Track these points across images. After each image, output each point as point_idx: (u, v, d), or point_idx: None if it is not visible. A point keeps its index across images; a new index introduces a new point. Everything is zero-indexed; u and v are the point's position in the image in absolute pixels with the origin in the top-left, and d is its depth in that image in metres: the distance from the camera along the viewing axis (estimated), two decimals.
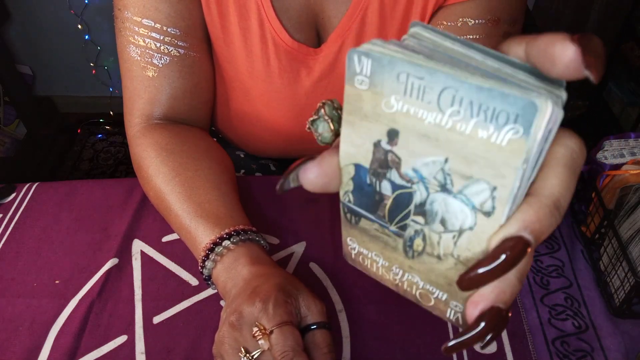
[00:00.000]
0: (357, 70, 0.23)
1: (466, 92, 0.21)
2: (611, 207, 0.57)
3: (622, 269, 0.53)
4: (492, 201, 0.22)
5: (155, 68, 0.59)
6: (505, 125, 0.20)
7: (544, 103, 0.19)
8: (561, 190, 0.22)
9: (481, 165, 0.22)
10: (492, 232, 0.23)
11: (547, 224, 0.22)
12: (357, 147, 0.25)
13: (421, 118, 0.22)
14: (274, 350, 0.42)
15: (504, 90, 0.20)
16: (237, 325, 0.44)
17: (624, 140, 0.60)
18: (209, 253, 0.51)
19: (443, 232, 0.25)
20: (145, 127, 0.61)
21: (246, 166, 0.81)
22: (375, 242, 0.29)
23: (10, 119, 1.70)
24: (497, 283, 0.23)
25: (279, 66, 0.62)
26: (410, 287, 0.29)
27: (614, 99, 1.64)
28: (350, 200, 0.28)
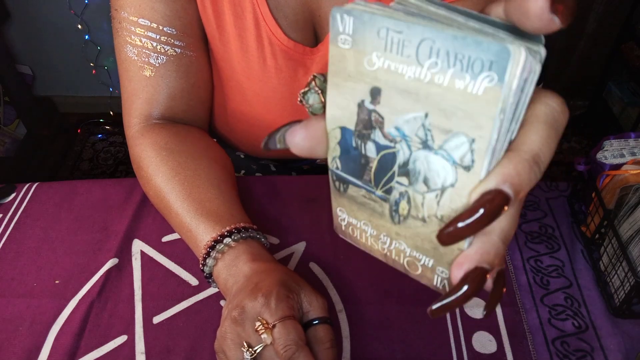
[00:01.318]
0: (340, 29, 0.24)
1: (442, 42, 0.21)
2: (611, 207, 0.57)
3: (622, 269, 0.53)
4: (471, 154, 0.22)
5: (152, 67, 0.59)
6: (481, 73, 0.21)
7: (517, 49, 0.20)
8: (541, 145, 0.23)
9: (459, 117, 0.22)
10: (473, 187, 0.23)
11: (526, 178, 0.22)
12: (342, 109, 0.26)
13: (401, 73, 0.23)
14: (277, 344, 0.42)
15: (478, 38, 0.20)
16: (239, 320, 0.44)
17: (624, 140, 0.60)
18: (210, 251, 0.51)
19: (426, 192, 0.25)
20: (144, 127, 0.61)
21: (246, 167, 0.81)
22: (363, 210, 0.29)
23: (10, 119, 1.70)
24: (480, 244, 0.23)
25: (276, 66, 0.62)
26: (398, 256, 0.30)
27: (614, 99, 1.64)
28: (338, 167, 0.28)
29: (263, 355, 0.44)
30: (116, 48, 0.61)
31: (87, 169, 1.78)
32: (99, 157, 1.82)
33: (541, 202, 0.66)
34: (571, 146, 1.73)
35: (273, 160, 0.84)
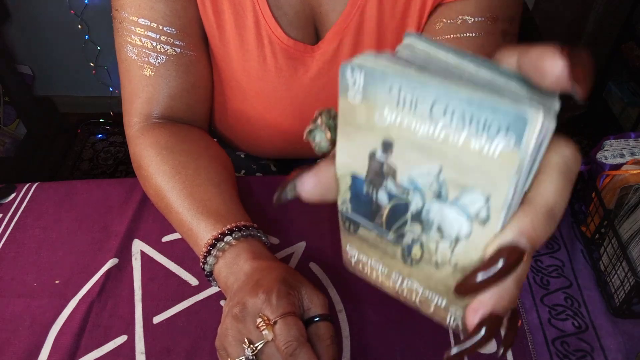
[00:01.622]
0: (350, 84, 0.23)
1: (457, 104, 0.21)
2: (611, 207, 0.57)
3: (622, 269, 0.53)
4: (487, 210, 0.22)
5: (152, 67, 0.59)
6: (497, 136, 0.20)
7: (534, 114, 0.19)
8: (556, 197, 0.22)
9: (475, 175, 0.22)
10: (488, 240, 0.23)
11: (542, 231, 0.22)
12: (353, 157, 0.26)
13: (414, 130, 0.23)
14: (278, 340, 0.42)
15: (494, 102, 0.20)
16: (240, 316, 0.44)
17: (624, 140, 0.60)
18: (210, 249, 0.51)
19: (440, 241, 0.25)
20: (144, 127, 0.61)
21: (247, 167, 0.81)
22: (374, 250, 0.29)
23: (10, 119, 1.70)
24: (495, 289, 0.23)
25: (276, 64, 0.62)
26: (410, 294, 0.29)
27: (614, 99, 1.64)
28: (348, 209, 0.28)
29: (264, 351, 0.44)
30: (117, 48, 0.61)
31: (87, 169, 1.78)
32: (99, 157, 1.82)
33: None
34: None
35: (273, 160, 0.84)
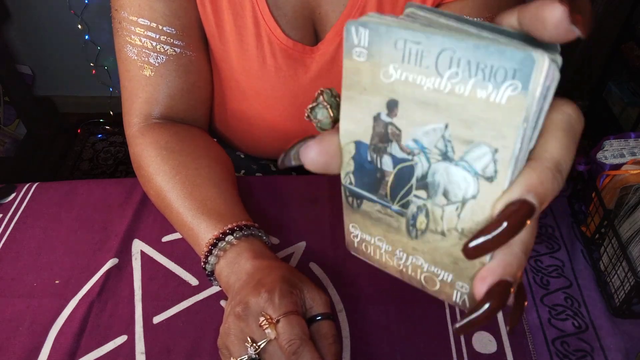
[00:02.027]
0: (355, 42, 0.23)
1: (463, 52, 0.21)
2: (611, 207, 0.57)
3: (622, 269, 0.53)
4: (494, 165, 0.22)
5: (152, 67, 0.59)
6: (504, 82, 0.20)
7: (540, 56, 0.20)
8: (562, 153, 0.22)
9: (481, 127, 0.22)
10: (496, 198, 0.23)
11: (550, 187, 0.22)
12: (357, 122, 0.26)
13: (420, 84, 0.23)
14: (281, 339, 0.42)
15: (500, 48, 0.20)
16: (243, 316, 0.44)
17: (624, 140, 0.60)
18: (211, 249, 0.51)
19: (446, 205, 0.25)
20: (144, 127, 0.61)
21: (246, 167, 0.81)
22: (378, 225, 0.29)
23: (10, 119, 1.70)
24: (502, 257, 0.23)
25: (275, 65, 0.62)
26: (415, 272, 0.29)
27: (614, 99, 1.64)
28: (351, 182, 0.28)
29: (267, 350, 0.43)
30: (116, 48, 0.61)
31: (87, 169, 1.78)
32: (99, 157, 1.81)
33: None
34: None
35: (273, 160, 0.84)
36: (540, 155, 0.22)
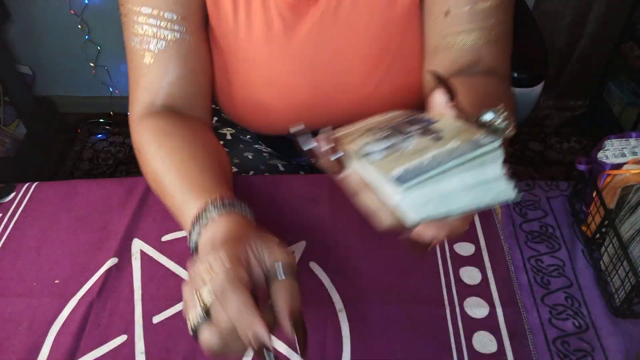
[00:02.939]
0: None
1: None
2: (612, 206, 0.57)
3: (623, 269, 0.53)
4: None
5: (151, 54, 0.61)
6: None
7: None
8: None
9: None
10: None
11: None
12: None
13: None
14: (213, 285, 0.39)
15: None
16: (191, 275, 0.42)
17: (625, 139, 0.60)
18: (194, 225, 0.49)
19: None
20: (145, 114, 0.62)
21: (255, 167, 0.81)
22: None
23: (10, 119, 1.70)
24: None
25: (283, 24, 0.63)
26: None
27: (614, 99, 1.64)
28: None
29: (213, 308, 0.39)
30: (125, 42, 0.63)
31: (87, 169, 1.78)
32: (99, 157, 1.81)
33: (542, 202, 0.66)
34: (571, 146, 1.73)
35: (284, 138, 0.83)
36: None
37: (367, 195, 0.39)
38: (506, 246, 0.61)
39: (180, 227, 0.58)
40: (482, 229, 0.63)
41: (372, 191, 0.38)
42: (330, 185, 0.68)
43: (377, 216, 0.39)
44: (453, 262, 0.60)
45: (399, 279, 0.58)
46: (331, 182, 0.69)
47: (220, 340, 0.39)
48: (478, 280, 0.58)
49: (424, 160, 0.34)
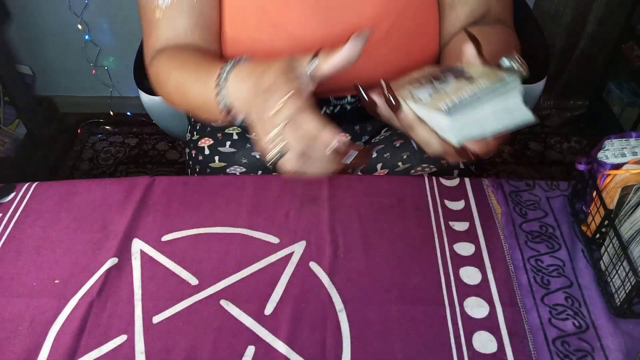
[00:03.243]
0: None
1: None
2: (612, 206, 0.57)
3: (623, 269, 0.53)
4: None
5: (159, 10, 0.68)
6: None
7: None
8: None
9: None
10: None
11: None
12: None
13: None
14: (287, 117, 0.46)
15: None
16: (261, 102, 0.49)
17: (625, 139, 0.60)
18: (218, 89, 0.55)
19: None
20: (157, 55, 0.69)
21: (263, 167, 0.81)
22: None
23: (10, 119, 1.69)
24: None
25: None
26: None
27: (614, 99, 1.64)
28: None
29: (285, 134, 0.47)
30: (138, 2, 0.70)
31: (87, 169, 1.78)
32: (99, 157, 1.81)
33: (542, 202, 0.66)
34: (571, 146, 1.73)
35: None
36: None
37: (421, 128, 0.48)
38: (506, 246, 0.61)
39: (180, 226, 0.58)
40: (482, 229, 0.63)
41: (424, 125, 0.48)
42: (330, 185, 0.68)
43: (428, 145, 0.49)
44: (453, 262, 0.60)
45: (399, 279, 0.58)
46: (331, 182, 0.69)
47: (297, 160, 0.47)
48: (478, 280, 0.58)
49: (463, 95, 0.45)
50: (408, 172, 0.77)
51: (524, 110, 0.47)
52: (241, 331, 0.54)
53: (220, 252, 0.61)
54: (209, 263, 0.60)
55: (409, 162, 0.78)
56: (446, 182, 0.69)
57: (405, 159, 0.78)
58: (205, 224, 0.65)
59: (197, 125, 0.87)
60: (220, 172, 0.81)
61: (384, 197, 0.67)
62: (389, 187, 0.68)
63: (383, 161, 0.80)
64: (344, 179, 0.69)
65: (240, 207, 0.66)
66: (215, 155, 0.82)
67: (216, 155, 0.82)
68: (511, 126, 0.47)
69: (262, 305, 0.56)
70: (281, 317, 0.55)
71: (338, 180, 0.69)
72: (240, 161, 0.81)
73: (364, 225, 0.64)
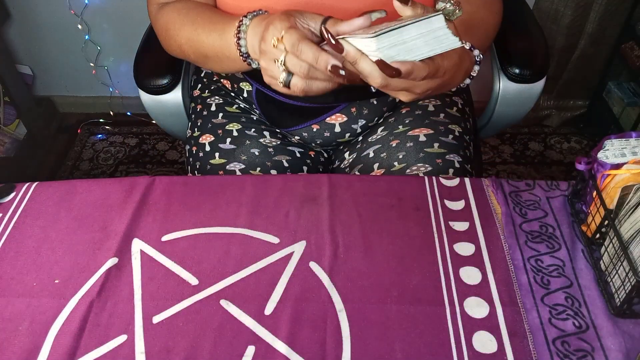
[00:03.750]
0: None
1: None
2: (612, 206, 0.57)
3: (623, 269, 0.53)
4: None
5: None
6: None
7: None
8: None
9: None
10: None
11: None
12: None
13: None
14: (287, 48, 0.55)
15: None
16: (263, 49, 0.58)
17: (625, 139, 0.60)
18: (238, 38, 0.64)
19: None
20: (162, 6, 0.76)
21: (262, 164, 0.81)
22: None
23: (10, 119, 1.69)
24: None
25: None
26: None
27: (614, 99, 1.64)
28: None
29: (287, 63, 0.55)
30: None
31: (87, 169, 1.78)
32: (99, 157, 1.81)
33: (542, 202, 0.66)
34: (571, 146, 1.73)
35: (282, 149, 0.84)
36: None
37: (363, 60, 0.52)
38: (506, 246, 0.61)
39: (180, 226, 0.58)
40: (482, 229, 0.63)
41: (366, 57, 0.52)
42: (330, 185, 0.68)
43: (371, 76, 0.53)
44: (453, 262, 0.60)
45: (399, 279, 0.58)
46: (331, 182, 0.69)
47: (304, 82, 0.56)
48: (478, 280, 0.58)
49: (389, 25, 0.50)
50: (404, 171, 0.78)
51: (450, 35, 0.50)
52: (241, 331, 0.54)
53: (220, 252, 0.61)
54: (209, 263, 0.60)
55: (405, 161, 0.78)
56: (446, 182, 0.69)
57: (401, 158, 0.79)
58: (205, 224, 0.65)
59: (198, 122, 0.88)
60: (220, 168, 0.81)
61: (384, 197, 0.67)
62: (389, 187, 0.68)
63: (379, 161, 0.80)
64: (344, 179, 0.69)
65: (240, 207, 0.66)
66: (215, 152, 0.83)
67: (216, 152, 0.83)
68: (438, 50, 0.51)
69: (262, 305, 0.56)
70: (281, 317, 0.55)
71: (338, 180, 0.69)
72: (239, 157, 0.81)
73: (364, 225, 0.64)
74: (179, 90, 0.90)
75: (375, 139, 0.83)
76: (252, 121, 0.87)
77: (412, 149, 0.79)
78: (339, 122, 0.84)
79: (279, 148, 0.84)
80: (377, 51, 0.50)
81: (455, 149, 0.80)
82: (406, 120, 0.83)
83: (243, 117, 0.87)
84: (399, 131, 0.82)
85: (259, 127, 0.86)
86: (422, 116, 0.82)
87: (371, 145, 0.83)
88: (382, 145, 0.82)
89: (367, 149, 0.83)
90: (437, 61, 0.53)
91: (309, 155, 0.87)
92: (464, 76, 0.62)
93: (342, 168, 0.88)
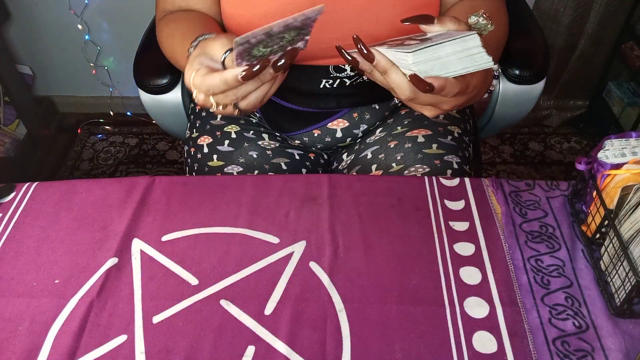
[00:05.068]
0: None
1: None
2: (612, 206, 0.57)
3: (623, 269, 0.53)
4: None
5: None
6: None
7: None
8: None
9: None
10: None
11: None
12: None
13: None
14: (203, 92, 0.56)
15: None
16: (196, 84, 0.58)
17: (625, 139, 0.60)
18: (187, 54, 0.62)
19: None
20: (165, 15, 0.78)
21: (260, 167, 0.81)
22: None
23: (10, 119, 1.69)
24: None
25: None
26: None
27: (614, 99, 1.64)
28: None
29: (216, 101, 0.56)
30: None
31: (87, 169, 1.78)
32: (99, 157, 1.81)
33: (542, 202, 0.66)
34: (571, 146, 1.73)
35: (281, 150, 0.84)
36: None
37: (393, 71, 0.52)
38: (506, 246, 0.61)
39: (180, 226, 0.58)
40: (482, 229, 0.63)
41: (396, 68, 0.52)
42: (330, 185, 0.68)
43: (400, 88, 0.53)
44: (453, 262, 0.60)
45: (399, 279, 0.58)
46: (331, 182, 0.69)
47: (244, 103, 0.57)
48: (478, 280, 0.58)
49: (425, 42, 0.50)
50: (402, 172, 0.77)
51: (484, 54, 0.50)
52: (241, 331, 0.54)
53: (220, 252, 0.61)
54: (209, 263, 0.60)
55: (403, 162, 0.78)
56: (446, 182, 0.69)
57: (399, 159, 0.78)
58: (205, 224, 0.65)
59: (197, 123, 0.88)
60: (218, 170, 0.81)
61: (384, 197, 0.67)
62: (389, 187, 0.68)
63: (378, 162, 0.80)
64: (344, 179, 0.69)
65: (240, 207, 0.66)
66: (213, 154, 0.82)
67: (214, 154, 0.82)
68: (471, 69, 0.51)
69: (262, 305, 0.56)
70: (281, 317, 0.55)
71: (338, 180, 0.69)
72: (237, 160, 0.81)
73: (363, 225, 0.64)
74: (179, 89, 0.90)
75: (374, 140, 0.83)
76: (251, 123, 0.86)
77: (411, 150, 0.79)
78: (341, 128, 0.84)
79: (278, 151, 0.84)
80: (412, 65, 0.50)
81: (454, 150, 0.80)
82: (405, 122, 0.83)
83: (242, 119, 0.87)
84: (397, 132, 0.82)
85: (258, 129, 0.86)
86: (421, 117, 0.82)
87: (369, 146, 0.83)
88: (380, 147, 0.81)
89: (365, 150, 0.83)
90: (467, 78, 0.53)
91: (308, 157, 0.87)
92: (486, 91, 0.62)
93: (340, 169, 0.87)
